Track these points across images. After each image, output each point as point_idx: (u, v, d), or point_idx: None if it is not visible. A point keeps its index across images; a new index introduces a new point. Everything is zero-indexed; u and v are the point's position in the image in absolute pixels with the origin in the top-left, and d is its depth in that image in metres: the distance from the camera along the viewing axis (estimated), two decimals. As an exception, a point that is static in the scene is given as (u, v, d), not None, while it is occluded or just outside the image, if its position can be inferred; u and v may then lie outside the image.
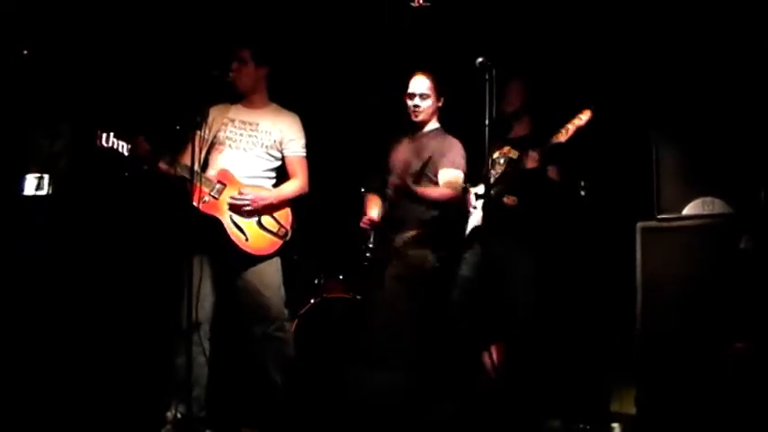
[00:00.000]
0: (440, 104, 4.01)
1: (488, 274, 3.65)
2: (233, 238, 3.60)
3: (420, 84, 3.95)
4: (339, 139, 4.82)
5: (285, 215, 3.73)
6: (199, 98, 3.57)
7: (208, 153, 3.72)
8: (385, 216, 4.06)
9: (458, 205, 3.94)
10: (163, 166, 3.57)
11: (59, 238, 4.12)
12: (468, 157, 3.91)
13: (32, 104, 4.15)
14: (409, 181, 3.80)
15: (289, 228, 3.71)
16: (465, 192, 3.97)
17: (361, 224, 4.10)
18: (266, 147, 3.75)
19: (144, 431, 3.49)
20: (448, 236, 3.93)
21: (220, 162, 3.71)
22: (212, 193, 3.62)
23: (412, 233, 3.89)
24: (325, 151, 4.10)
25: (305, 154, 3.84)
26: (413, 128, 4.04)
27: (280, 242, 3.69)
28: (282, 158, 3.81)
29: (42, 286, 4.05)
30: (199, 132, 3.52)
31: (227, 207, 3.63)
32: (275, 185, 3.79)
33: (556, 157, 3.81)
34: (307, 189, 3.81)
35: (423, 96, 3.94)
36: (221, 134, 3.74)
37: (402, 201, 3.88)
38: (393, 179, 3.91)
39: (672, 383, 3.23)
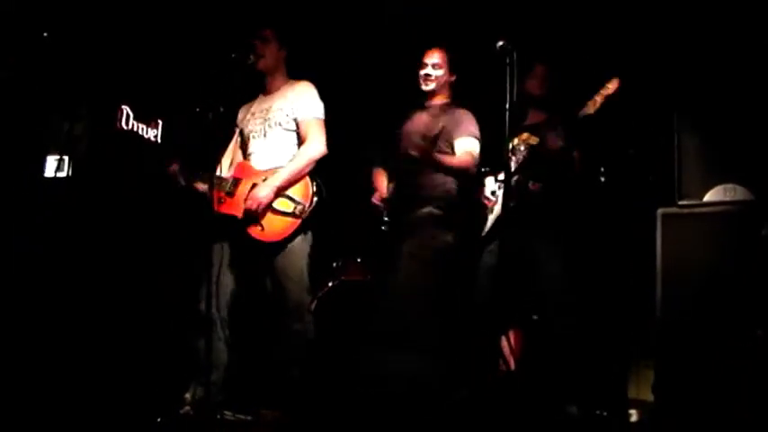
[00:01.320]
0: (452, 80, 3.96)
1: (511, 261, 3.60)
2: (250, 231, 3.57)
3: (434, 54, 3.93)
4: (358, 119, 4.79)
5: (302, 189, 3.56)
6: (219, 82, 3.53)
7: (243, 152, 3.77)
8: (393, 192, 3.99)
9: (472, 178, 3.86)
10: (200, 186, 3.60)
11: (77, 222, 4.14)
12: (488, 143, 3.87)
13: (52, 88, 4.16)
14: (431, 149, 3.69)
15: (307, 202, 3.55)
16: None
17: (373, 200, 4.05)
18: (280, 124, 3.67)
19: (163, 412, 3.52)
20: (461, 213, 3.87)
21: (250, 156, 3.72)
22: (228, 190, 3.62)
23: (426, 210, 3.80)
24: (344, 132, 4.07)
25: (317, 116, 3.65)
26: (424, 101, 3.99)
27: (297, 222, 3.54)
28: None
29: (60, 272, 4.07)
30: (235, 137, 3.64)
31: (242, 202, 3.58)
32: None
33: (584, 131, 3.73)
34: (323, 150, 3.61)
35: (435, 66, 3.92)
36: (246, 130, 3.78)
37: (418, 171, 3.80)
38: (410, 149, 3.70)
39: (690, 371, 3.21)
